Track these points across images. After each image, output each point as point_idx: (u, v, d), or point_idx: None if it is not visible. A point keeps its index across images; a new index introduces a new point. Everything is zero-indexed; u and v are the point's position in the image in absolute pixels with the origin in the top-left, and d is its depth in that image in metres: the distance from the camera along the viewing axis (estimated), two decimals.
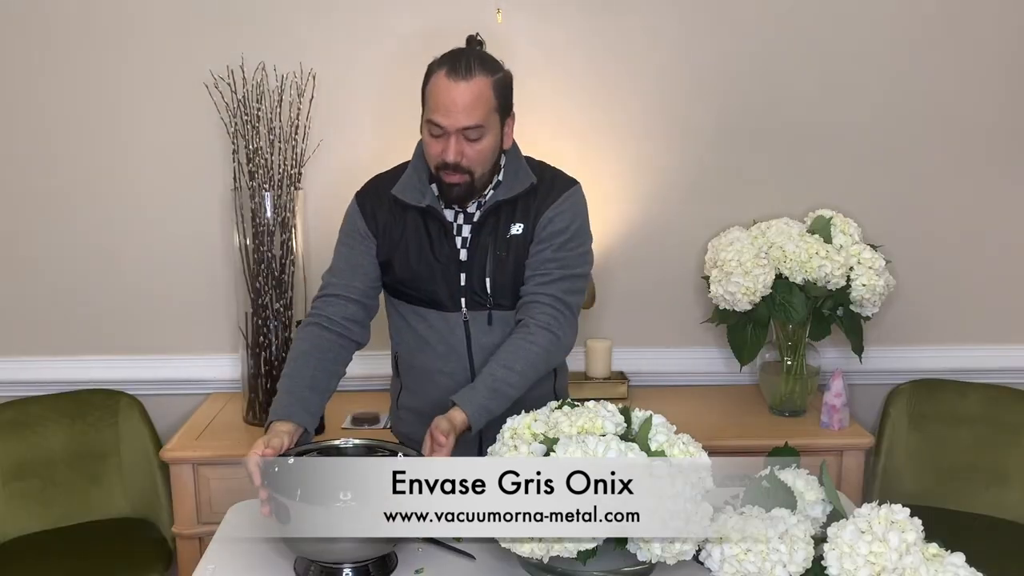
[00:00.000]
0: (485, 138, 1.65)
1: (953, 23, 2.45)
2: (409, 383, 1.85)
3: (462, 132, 1.62)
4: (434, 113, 1.64)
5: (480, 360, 1.74)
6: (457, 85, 1.62)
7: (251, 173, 2.26)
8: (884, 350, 2.57)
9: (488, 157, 1.68)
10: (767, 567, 1.28)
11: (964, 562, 1.24)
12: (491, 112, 1.65)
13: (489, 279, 1.72)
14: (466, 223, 1.75)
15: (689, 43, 2.44)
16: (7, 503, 2.33)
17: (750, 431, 2.27)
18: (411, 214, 1.75)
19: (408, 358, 1.83)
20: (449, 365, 1.76)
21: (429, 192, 1.74)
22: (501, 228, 1.73)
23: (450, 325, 1.75)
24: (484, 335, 1.75)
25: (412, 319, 1.78)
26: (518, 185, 1.73)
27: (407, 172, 1.77)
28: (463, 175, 1.66)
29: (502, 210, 1.73)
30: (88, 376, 2.48)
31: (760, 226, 2.30)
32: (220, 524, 1.66)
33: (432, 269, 1.73)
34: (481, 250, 1.73)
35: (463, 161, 1.65)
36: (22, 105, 2.39)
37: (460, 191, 1.68)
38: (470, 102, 1.62)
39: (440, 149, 1.65)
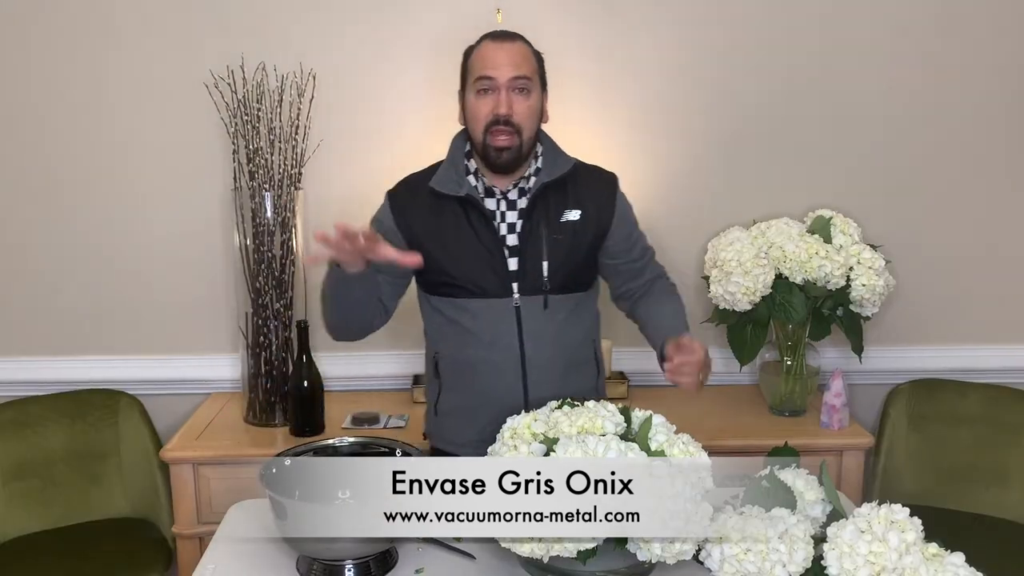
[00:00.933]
0: (532, 95, 1.72)
1: (953, 23, 2.45)
2: (451, 382, 1.84)
3: (512, 83, 1.69)
4: (483, 70, 1.70)
5: (531, 346, 1.76)
6: (503, 44, 1.72)
7: (251, 173, 2.26)
8: (884, 350, 2.57)
9: (534, 117, 1.74)
10: (767, 567, 1.28)
11: (964, 562, 1.24)
12: (535, 73, 1.74)
13: (546, 263, 1.75)
14: (509, 209, 1.77)
15: (689, 43, 2.44)
16: (7, 503, 2.33)
17: (750, 431, 2.27)
18: (449, 206, 1.77)
19: (452, 355, 1.83)
20: (496, 354, 1.77)
21: (467, 183, 1.77)
22: (552, 212, 1.77)
23: (498, 313, 1.76)
24: (536, 320, 1.76)
25: (455, 314, 1.79)
26: (558, 168, 1.78)
27: (443, 166, 1.81)
28: (512, 134, 1.70)
29: (550, 194, 1.77)
30: (88, 376, 2.48)
31: (760, 226, 2.30)
32: (220, 524, 1.66)
33: (477, 257, 1.75)
34: (535, 234, 1.75)
35: (513, 116, 1.69)
36: (22, 105, 2.39)
37: (509, 155, 1.71)
38: (518, 56, 1.71)
39: (490, 107, 1.70)
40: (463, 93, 1.77)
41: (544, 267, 1.75)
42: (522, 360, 1.76)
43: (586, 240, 1.79)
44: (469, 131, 1.77)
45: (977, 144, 2.52)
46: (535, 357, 1.76)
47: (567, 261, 1.77)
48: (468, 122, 1.76)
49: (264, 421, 2.32)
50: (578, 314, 1.82)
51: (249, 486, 1.87)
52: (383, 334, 2.56)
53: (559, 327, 1.78)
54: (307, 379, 2.24)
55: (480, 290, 1.76)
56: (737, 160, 2.50)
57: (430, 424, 1.92)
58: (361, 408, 2.40)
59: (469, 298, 1.76)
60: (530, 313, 1.76)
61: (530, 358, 1.76)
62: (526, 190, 1.78)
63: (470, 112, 1.74)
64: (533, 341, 1.76)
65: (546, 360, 1.77)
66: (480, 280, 1.75)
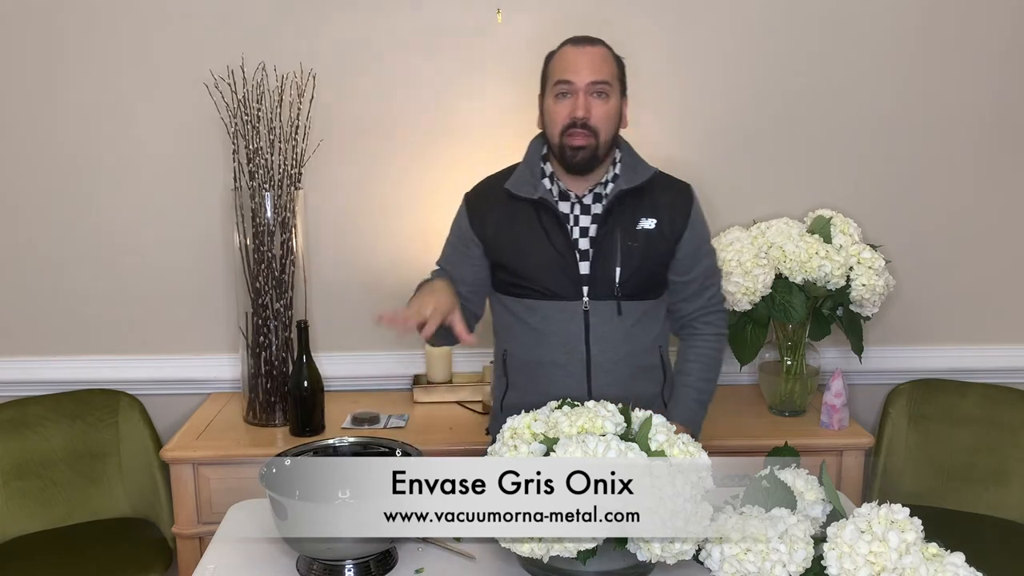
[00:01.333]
0: (611, 100, 1.73)
1: (953, 23, 2.45)
2: (517, 380, 1.86)
3: (591, 88, 1.70)
4: (562, 74, 1.72)
5: (598, 351, 1.78)
6: (584, 48, 1.73)
7: (251, 173, 2.26)
8: (884, 350, 2.57)
9: (613, 121, 1.75)
10: (767, 567, 1.28)
11: (964, 562, 1.24)
12: (614, 78, 1.75)
13: (620, 267, 1.76)
14: (583, 214, 1.79)
15: (688, 43, 2.44)
16: (7, 503, 2.33)
17: (750, 431, 2.27)
18: (523, 209, 1.79)
19: (520, 354, 1.84)
20: (563, 356, 1.78)
21: (541, 186, 1.79)
22: (628, 219, 1.78)
23: (567, 315, 1.77)
24: (606, 325, 1.77)
25: (525, 314, 1.81)
26: (638, 176, 1.79)
27: (519, 168, 1.83)
28: (589, 136, 1.71)
29: (627, 201, 1.78)
30: (88, 376, 2.48)
31: (760, 226, 2.30)
32: (220, 524, 1.66)
33: (549, 259, 1.77)
34: (610, 240, 1.77)
35: (591, 119, 1.70)
36: (22, 105, 2.39)
37: (585, 155, 1.72)
38: (598, 61, 1.72)
39: (568, 110, 1.71)
40: (542, 98, 1.79)
41: (617, 273, 1.76)
42: (587, 363, 1.78)
43: (659, 249, 1.80)
44: (547, 134, 1.78)
45: (977, 144, 2.52)
46: (601, 361, 1.78)
47: (640, 268, 1.78)
48: (546, 125, 1.78)
49: (264, 421, 2.31)
50: (646, 321, 1.82)
51: (249, 486, 1.88)
52: (383, 334, 2.57)
53: (627, 332, 1.79)
54: (307, 379, 2.24)
55: (550, 292, 1.77)
56: (737, 160, 2.50)
57: (494, 423, 1.94)
58: (361, 408, 2.40)
59: (539, 299, 1.78)
60: (599, 317, 1.77)
61: (596, 361, 1.78)
62: (602, 195, 1.79)
63: (548, 115, 1.76)
64: (600, 345, 1.77)
65: (612, 364, 1.78)
66: (550, 282, 1.77)
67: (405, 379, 2.54)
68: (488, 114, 2.42)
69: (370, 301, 2.51)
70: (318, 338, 2.46)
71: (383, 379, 2.56)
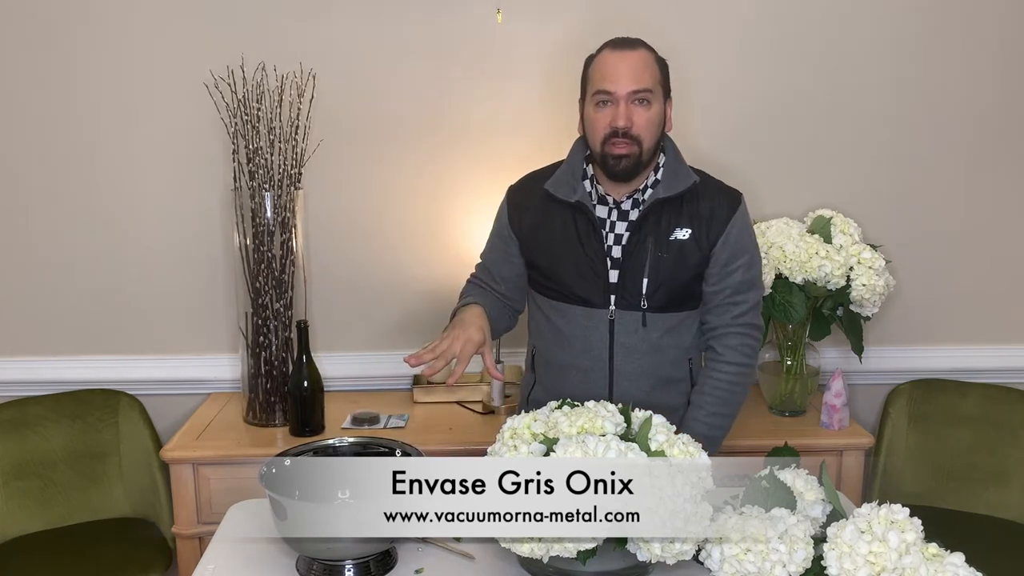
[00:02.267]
0: (653, 106, 1.68)
1: (954, 23, 2.45)
2: (544, 378, 1.86)
3: (632, 96, 1.66)
4: (602, 83, 1.67)
5: (621, 359, 1.75)
6: (624, 54, 1.68)
7: (251, 173, 2.26)
8: (884, 350, 2.57)
9: (655, 128, 1.70)
10: (767, 567, 1.28)
11: (964, 562, 1.24)
12: (656, 83, 1.70)
13: (647, 279, 1.73)
14: (620, 220, 1.75)
15: (688, 43, 2.43)
16: (7, 503, 2.33)
17: (750, 431, 2.27)
18: (560, 210, 1.77)
19: (545, 353, 1.84)
20: (585, 362, 1.77)
21: (581, 188, 1.76)
22: (663, 229, 1.74)
23: (593, 322, 1.76)
24: (631, 336, 1.75)
25: (552, 314, 1.80)
26: (679, 183, 1.74)
27: (561, 168, 1.80)
28: (631, 144, 1.67)
29: (664, 210, 1.74)
30: (88, 376, 2.48)
31: (760, 226, 2.30)
32: (220, 524, 1.66)
33: (579, 265, 1.75)
34: (641, 249, 1.73)
35: (632, 128, 1.66)
36: (22, 105, 2.39)
37: (628, 163, 1.68)
38: (639, 68, 1.67)
39: (609, 119, 1.67)
40: (583, 103, 1.76)
41: (644, 284, 1.73)
42: (610, 370, 1.76)
43: (692, 261, 1.75)
44: (588, 141, 1.74)
45: (977, 144, 2.52)
46: (624, 370, 1.76)
47: (670, 280, 1.74)
48: (587, 132, 1.74)
49: (264, 421, 2.31)
50: (676, 333, 1.78)
51: (249, 486, 1.87)
52: (383, 334, 2.57)
53: (653, 344, 1.76)
54: (307, 379, 2.24)
55: (578, 297, 1.76)
56: (737, 160, 2.49)
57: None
58: (361, 408, 2.40)
59: (567, 303, 1.77)
60: (624, 327, 1.75)
61: (619, 370, 1.76)
62: (640, 202, 1.75)
63: (589, 123, 1.72)
64: (624, 354, 1.76)
65: (635, 374, 1.77)
66: (579, 288, 1.75)
67: (405, 379, 2.54)
68: (488, 114, 2.42)
69: (370, 301, 2.51)
70: (318, 338, 2.46)
71: (383, 379, 2.56)
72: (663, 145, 1.77)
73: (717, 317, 1.80)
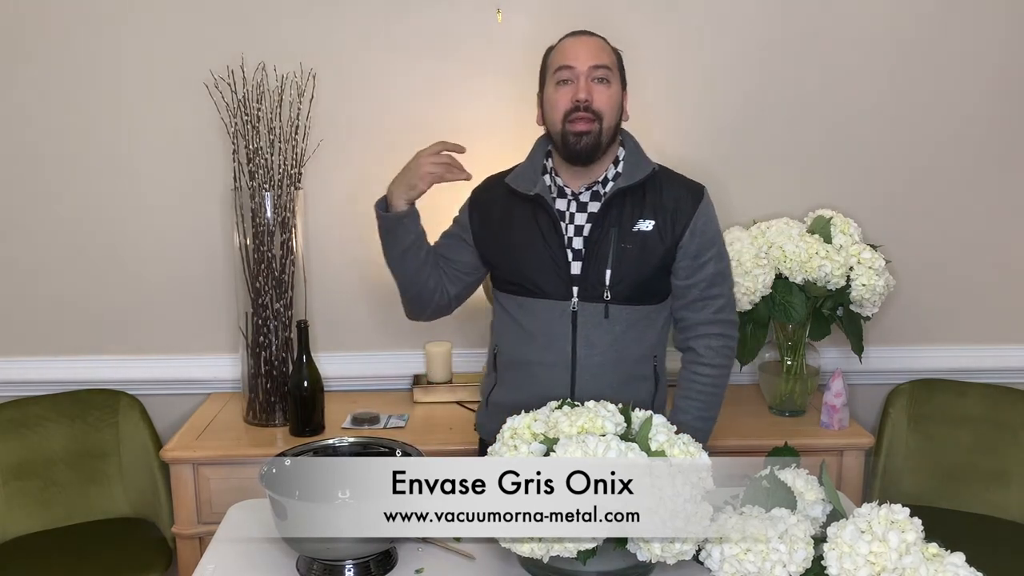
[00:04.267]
0: (612, 85, 1.73)
1: (953, 22, 2.45)
2: (505, 378, 1.85)
3: (592, 72, 1.70)
4: (563, 60, 1.72)
5: (584, 353, 1.75)
6: (582, 37, 1.75)
7: (251, 173, 2.26)
8: (884, 350, 2.57)
9: (615, 107, 1.74)
10: (767, 567, 1.28)
11: (964, 562, 1.24)
12: (614, 66, 1.75)
13: (610, 271, 1.73)
14: (579, 211, 1.77)
15: (688, 43, 2.44)
16: (7, 503, 2.33)
17: (750, 431, 2.27)
18: (521, 205, 1.79)
19: (508, 351, 1.83)
20: (550, 356, 1.76)
21: (540, 182, 1.78)
22: (626, 220, 1.75)
23: (556, 314, 1.75)
24: (593, 329, 1.75)
25: (515, 311, 1.80)
26: (639, 172, 1.76)
27: (522, 164, 1.83)
28: (592, 121, 1.70)
29: (626, 201, 1.75)
30: (88, 376, 2.48)
31: (760, 226, 2.31)
32: (220, 524, 1.66)
33: (540, 257, 1.76)
34: (604, 240, 1.74)
35: (593, 103, 1.69)
36: (21, 105, 2.39)
37: (589, 140, 1.70)
38: (597, 48, 1.73)
39: (570, 95, 1.70)
40: (542, 93, 1.79)
41: (607, 275, 1.73)
42: (573, 364, 1.75)
43: (657, 253, 1.74)
44: (548, 125, 1.77)
45: (977, 144, 2.52)
46: (587, 363, 1.75)
47: (633, 272, 1.74)
48: (547, 115, 1.76)
49: (264, 421, 2.31)
50: (640, 328, 1.77)
51: (249, 486, 1.88)
52: (383, 334, 2.57)
53: (616, 338, 1.75)
54: (307, 379, 2.24)
55: (540, 290, 1.76)
56: (737, 160, 2.50)
57: (481, 415, 1.94)
58: (361, 408, 2.39)
59: (530, 297, 1.77)
60: (587, 319, 1.75)
61: (581, 364, 1.75)
62: (600, 194, 1.76)
63: (549, 104, 1.75)
64: (586, 347, 1.75)
65: (598, 368, 1.75)
66: (540, 280, 1.76)
67: (405, 379, 2.54)
68: (488, 114, 2.42)
69: (370, 301, 2.51)
70: (318, 338, 2.46)
71: (383, 379, 2.56)
72: (622, 138, 1.80)
73: (695, 313, 1.80)
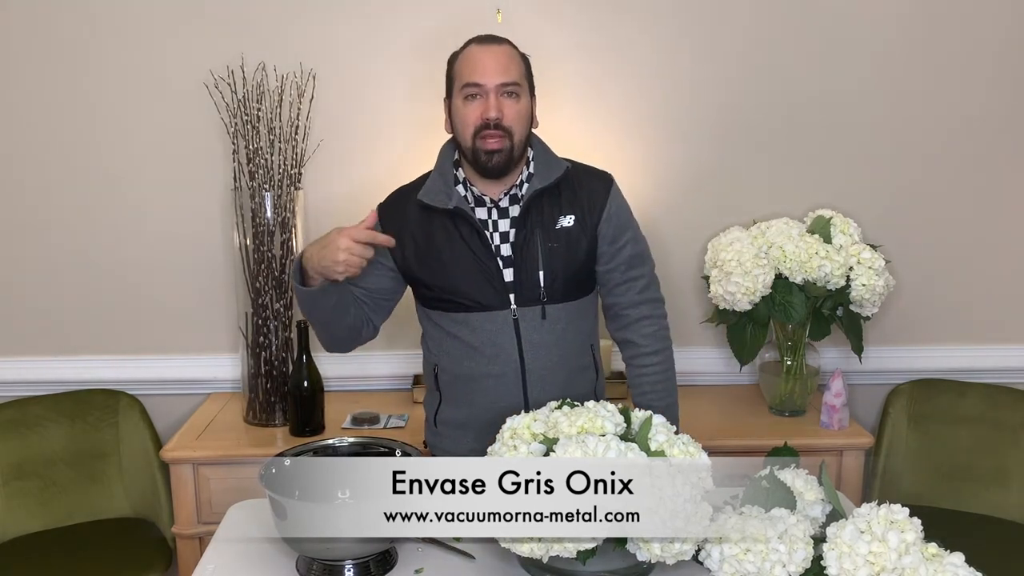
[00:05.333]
0: (522, 99, 1.69)
1: (953, 22, 2.45)
2: (451, 395, 1.81)
3: (501, 88, 1.66)
4: (471, 76, 1.67)
5: (531, 359, 1.74)
6: (490, 48, 1.68)
7: (251, 173, 2.26)
8: (884, 350, 2.57)
9: (525, 121, 1.70)
10: (767, 567, 1.28)
11: (964, 562, 1.24)
12: (523, 77, 1.70)
13: (543, 271, 1.72)
14: (501, 218, 1.74)
15: (689, 43, 2.44)
16: (7, 503, 2.33)
17: (750, 431, 2.27)
18: (439, 219, 1.74)
19: (452, 368, 1.79)
20: (497, 367, 1.74)
21: (455, 194, 1.73)
22: (547, 219, 1.73)
23: (498, 325, 1.73)
24: (535, 332, 1.74)
25: (454, 328, 1.76)
26: (552, 172, 1.74)
27: (431, 177, 1.77)
28: (503, 138, 1.66)
29: (544, 200, 1.74)
30: (88, 376, 2.48)
31: (760, 226, 2.31)
32: (220, 524, 1.66)
33: (472, 270, 1.72)
34: (530, 243, 1.72)
35: (504, 119, 1.66)
36: (22, 105, 2.39)
37: (500, 158, 1.67)
38: (505, 61, 1.67)
39: (479, 112, 1.66)
40: (449, 100, 1.74)
41: (541, 277, 1.72)
42: (522, 371, 1.74)
43: (582, 246, 1.75)
44: (457, 138, 1.73)
45: (977, 144, 2.52)
46: (535, 368, 1.74)
47: (564, 269, 1.74)
48: (456, 128, 1.72)
49: (264, 421, 2.32)
50: (577, 321, 1.78)
51: (249, 486, 1.87)
52: (383, 334, 2.56)
53: (559, 336, 1.75)
54: (307, 379, 2.24)
55: (477, 304, 1.73)
56: (737, 160, 2.50)
57: (430, 434, 1.90)
58: (361, 408, 2.40)
59: (467, 312, 1.74)
60: (528, 324, 1.73)
61: (530, 369, 1.74)
62: (518, 197, 1.74)
63: (458, 118, 1.70)
64: (533, 352, 1.74)
65: (546, 370, 1.75)
66: (476, 294, 1.72)
67: (405, 379, 2.54)
68: None
69: None
70: None
71: (383, 379, 2.56)
72: (531, 140, 1.77)
73: (622, 296, 1.80)
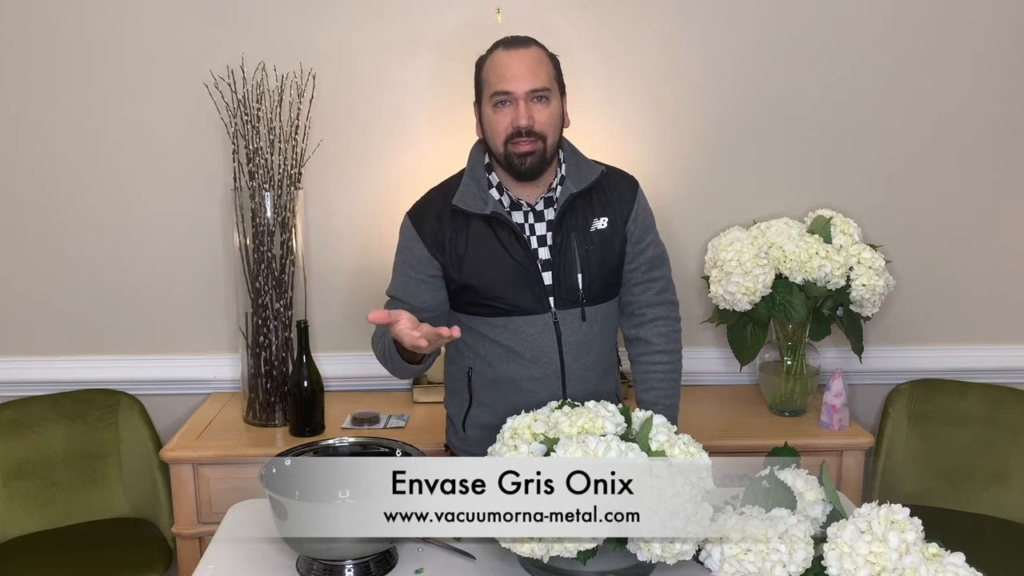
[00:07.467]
0: (552, 103, 1.68)
1: (953, 22, 2.45)
2: (485, 397, 1.80)
3: (530, 95, 1.65)
4: (499, 84, 1.66)
5: (571, 360, 1.75)
6: (518, 52, 1.66)
7: (251, 173, 2.26)
8: (884, 350, 2.57)
9: (557, 124, 1.70)
10: (767, 567, 1.28)
11: (964, 562, 1.24)
12: (552, 80, 1.69)
13: (581, 274, 1.73)
14: (537, 221, 1.74)
15: (689, 43, 2.44)
16: (7, 503, 2.33)
17: (750, 431, 2.27)
18: (475, 224, 1.73)
19: (488, 372, 1.78)
20: (539, 370, 1.74)
21: (491, 198, 1.73)
22: (581, 222, 1.74)
23: (539, 328, 1.73)
24: (575, 333, 1.75)
25: (494, 332, 1.75)
26: (585, 177, 1.75)
27: (464, 181, 1.76)
28: (535, 141, 1.66)
29: (578, 204, 1.74)
30: (88, 376, 2.48)
31: (760, 226, 2.30)
32: (220, 524, 1.66)
33: (511, 275, 1.72)
34: (568, 247, 1.73)
35: (535, 125, 1.65)
36: (22, 105, 2.39)
37: (534, 160, 1.67)
38: (534, 66, 1.66)
39: (509, 119, 1.66)
40: (479, 106, 1.74)
41: (579, 279, 1.73)
42: (562, 372, 1.75)
43: (615, 248, 1.77)
44: (489, 143, 1.72)
45: (977, 144, 2.52)
46: (575, 368, 1.76)
47: (601, 271, 1.75)
48: (487, 135, 1.72)
49: (264, 421, 2.32)
50: (608, 321, 1.81)
51: (249, 486, 1.88)
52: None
53: (596, 336, 1.77)
54: (307, 379, 2.24)
55: (516, 308, 1.73)
56: (737, 160, 2.50)
57: (456, 439, 1.88)
58: (361, 408, 2.40)
59: (507, 316, 1.73)
60: (569, 326, 1.74)
61: (570, 369, 1.75)
62: (553, 200, 1.75)
63: (489, 125, 1.69)
64: (573, 353, 1.75)
65: (584, 370, 1.76)
66: (516, 298, 1.72)
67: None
68: None
69: (370, 301, 2.51)
70: (318, 338, 2.46)
71: (383, 379, 2.54)
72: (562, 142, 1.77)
73: (640, 295, 1.83)
